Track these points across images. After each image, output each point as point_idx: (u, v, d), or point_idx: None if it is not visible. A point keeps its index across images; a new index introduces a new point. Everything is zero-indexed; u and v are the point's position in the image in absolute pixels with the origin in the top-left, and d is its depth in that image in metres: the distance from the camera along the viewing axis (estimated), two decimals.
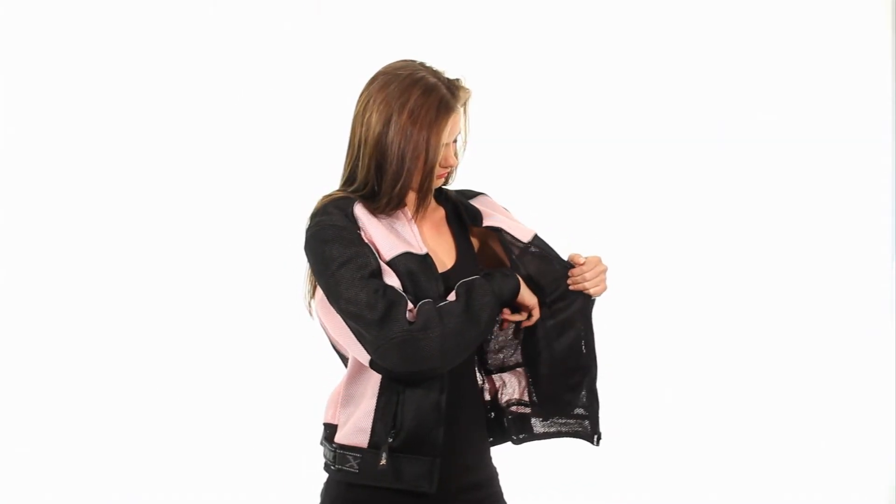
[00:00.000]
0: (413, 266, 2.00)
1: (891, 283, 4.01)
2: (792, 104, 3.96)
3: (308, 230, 2.02)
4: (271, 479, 3.81)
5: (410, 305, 1.93)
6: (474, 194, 2.25)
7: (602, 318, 2.19)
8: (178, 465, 3.81)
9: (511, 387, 2.22)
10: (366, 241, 1.99)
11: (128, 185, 3.82)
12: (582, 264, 2.13)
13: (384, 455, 1.98)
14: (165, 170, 3.83)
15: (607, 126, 3.93)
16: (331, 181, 2.14)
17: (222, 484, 3.82)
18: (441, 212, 2.19)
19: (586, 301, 2.14)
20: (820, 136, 3.97)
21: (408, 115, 1.99)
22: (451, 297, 1.98)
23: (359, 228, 2.00)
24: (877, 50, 3.97)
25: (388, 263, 1.99)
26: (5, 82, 3.79)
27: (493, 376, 2.24)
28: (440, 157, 2.04)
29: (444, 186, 2.20)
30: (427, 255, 2.03)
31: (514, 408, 2.21)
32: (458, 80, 2.07)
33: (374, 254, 1.97)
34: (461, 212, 2.20)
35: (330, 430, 2.09)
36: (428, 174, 2.03)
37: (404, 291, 1.98)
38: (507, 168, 3.67)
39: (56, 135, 3.80)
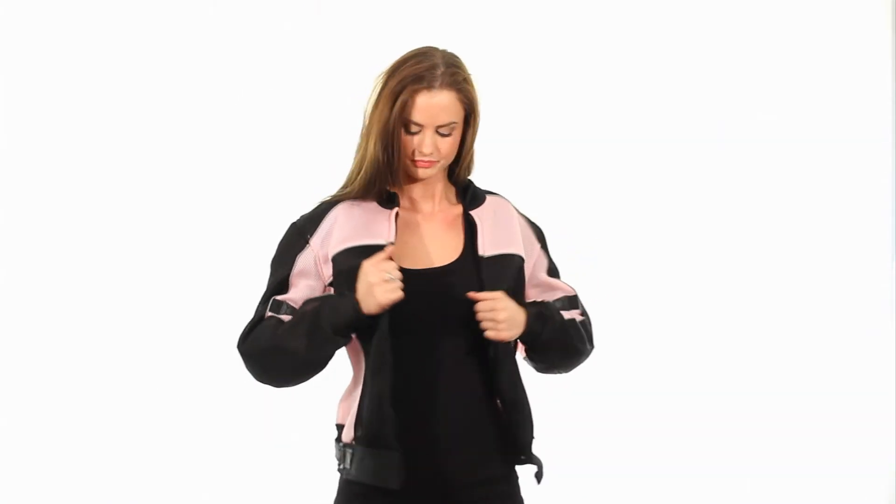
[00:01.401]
0: (353, 261, 1.96)
1: (891, 283, 4.00)
2: (792, 104, 3.95)
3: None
4: (288, 481, 3.80)
5: (269, 314, 2.03)
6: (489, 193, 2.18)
7: (601, 317, 2.18)
8: (178, 467, 3.81)
9: None
10: (308, 256, 2.03)
11: (126, 185, 3.81)
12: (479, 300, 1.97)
13: (349, 451, 2.00)
14: (164, 170, 3.81)
15: (607, 126, 3.92)
16: (330, 181, 2.12)
17: (224, 486, 3.82)
18: (459, 209, 2.12)
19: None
20: (820, 136, 3.96)
21: (387, 92, 1.96)
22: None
23: (308, 240, 2.03)
24: (877, 50, 3.97)
25: (333, 258, 2.01)
26: (8, 82, 3.79)
27: None
28: (403, 138, 1.97)
29: (472, 182, 2.13)
30: (387, 245, 1.96)
31: None
32: (452, 66, 1.99)
33: (293, 266, 2.03)
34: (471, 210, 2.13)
35: (338, 430, 2.09)
36: (394, 155, 1.97)
37: (342, 286, 1.98)
38: (511, 168, 3.65)
39: (54, 136, 3.79)
